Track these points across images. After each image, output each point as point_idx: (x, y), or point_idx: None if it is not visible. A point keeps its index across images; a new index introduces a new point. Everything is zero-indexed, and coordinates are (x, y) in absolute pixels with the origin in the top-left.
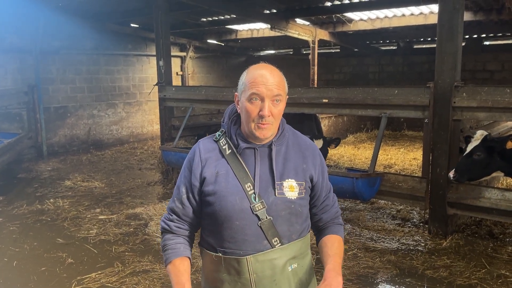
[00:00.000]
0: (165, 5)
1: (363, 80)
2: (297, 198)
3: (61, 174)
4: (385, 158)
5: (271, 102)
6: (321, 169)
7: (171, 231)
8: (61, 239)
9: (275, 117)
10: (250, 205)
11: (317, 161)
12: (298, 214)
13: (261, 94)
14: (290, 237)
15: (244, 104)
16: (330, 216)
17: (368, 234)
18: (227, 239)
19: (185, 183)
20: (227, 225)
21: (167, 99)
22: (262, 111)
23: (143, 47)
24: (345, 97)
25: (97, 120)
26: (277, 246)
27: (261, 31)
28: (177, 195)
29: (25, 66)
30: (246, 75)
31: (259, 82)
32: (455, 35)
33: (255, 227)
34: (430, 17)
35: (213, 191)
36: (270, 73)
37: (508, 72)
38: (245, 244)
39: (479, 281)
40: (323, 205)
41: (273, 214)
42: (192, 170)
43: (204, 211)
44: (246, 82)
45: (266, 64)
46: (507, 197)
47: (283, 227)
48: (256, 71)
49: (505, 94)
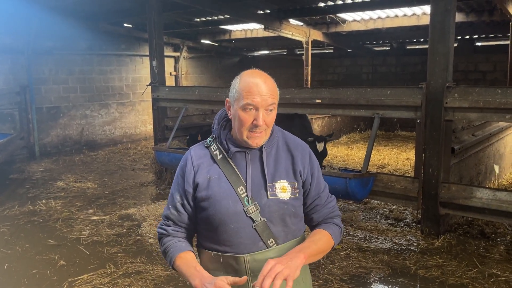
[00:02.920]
0: (159, 5)
1: (357, 80)
2: (290, 198)
3: (54, 175)
4: (378, 159)
5: (265, 111)
6: (310, 168)
7: (169, 234)
8: (53, 241)
9: (268, 125)
10: (244, 208)
11: (306, 160)
12: (292, 215)
13: (256, 104)
14: (286, 238)
15: (237, 113)
16: (321, 216)
17: (361, 234)
18: (223, 243)
19: (178, 190)
20: (222, 229)
21: (161, 99)
22: (257, 120)
23: (137, 47)
24: (338, 98)
25: (90, 120)
26: (273, 247)
27: (254, 32)
28: (172, 202)
29: (17, 66)
30: (239, 82)
31: (254, 92)
32: (447, 36)
33: (249, 230)
34: (423, 18)
35: (206, 196)
36: (264, 82)
37: (500, 73)
38: (241, 246)
39: (470, 281)
40: (313, 204)
41: (267, 216)
42: (185, 177)
43: (199, 216)
44: (240, 91)
45: (260, 72)
46: (498, 197)
47: (278, 228)
48: (250, 79)
49: (496, 95)
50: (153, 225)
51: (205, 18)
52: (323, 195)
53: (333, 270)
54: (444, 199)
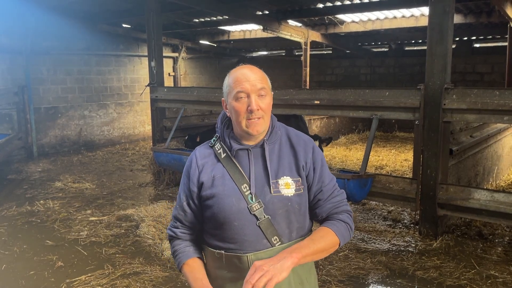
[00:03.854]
0: (157, 6)
1: (355, 81)
2: (294, 195)
3: (52, 175)
4: (376, 159)
5: (257, 96)
6: (313, 161)
7: (178, 237)
8: (51, 241)
9: (265, 111)
10: (248, 205)
11: (309, 154)
12: (296, 212)
13: (245, 90)
14: (290, 236)
15: (232, 105)
16: (325, 212)
17: (359, 235)
18: (228, 240)
19: (184, 190)
20: (227, 227)
21: (159, 100)
22: (250, 105)
23: (135, 47)
24: (337, 99)
25: (88, 120)
26: (277, 245)
27: (253, 32)
28: (179, 203)
29: (15, 66)
30: (228, 78)
31: (242, 80)
32: (445, 37)
33: (253, 227)
34: (421, 19)
35: (211, 195)
36: (251, 70)
37: (498, 74)
38: (245, 244)
39: (468, 282)
40: (316, 199)
41: (271, 213)
42: (190, 177)
43: (204, 215)
44: (230, 84)
45: (246, 65)
46: (496, 198)
47: (282, 225)
48: (236, 71)
49: (494, 96)
50: (151, 226)
51: (204, 18)
52: (326, 189)
53: (331, 271)
54: (442, 200)
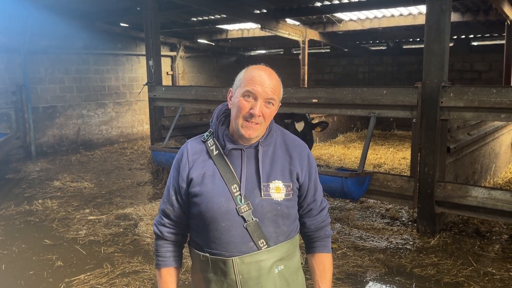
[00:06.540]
0: (155, 4)
1: (353, 80)
2: (283, 199)
3: (50, 175)
4: (374, 158)
5: (264, 103)
6: (308, 170)
7: (163, 237)
8: (50, 241)
9: (265, 119)
10: (236, 206)
11: (305, 162)
12: (285, 216)
13: (255, 93)
14: (277, 239)
15: (237, 99)
16: (314, 224)
17: (357, 233)
18: (213, 240)
19: (173, 184)
20: (213, 226)
21: (157, 99)
22: (253, 109)
23: (133, 46)
24: (335, 97)
25: (86, 120)
26: (263, 248)
27: (251, 31)
28: (167, 197)
29: (13, 65)
30: (245, 72)
31: (256, 81)
32: (443, 36)
33: (241, 229)
34: (419, 17)
35: (199, 192)
36: (269, 76)
37: (495, 72)
38: (231, 245)
39: (466, 279)
40: (309, 208)
41: (259, 216)
42: (179, 172)
43: (191, 211)
44: (243, 79)
45: (266, 67)
46: (493, 195)
47: (269, 228)
48: (255, 71)
49: (491, 94)
50: (150, 225)
51: (202, 17)
52: (318, 198)
53: None
54: (440, 198)
